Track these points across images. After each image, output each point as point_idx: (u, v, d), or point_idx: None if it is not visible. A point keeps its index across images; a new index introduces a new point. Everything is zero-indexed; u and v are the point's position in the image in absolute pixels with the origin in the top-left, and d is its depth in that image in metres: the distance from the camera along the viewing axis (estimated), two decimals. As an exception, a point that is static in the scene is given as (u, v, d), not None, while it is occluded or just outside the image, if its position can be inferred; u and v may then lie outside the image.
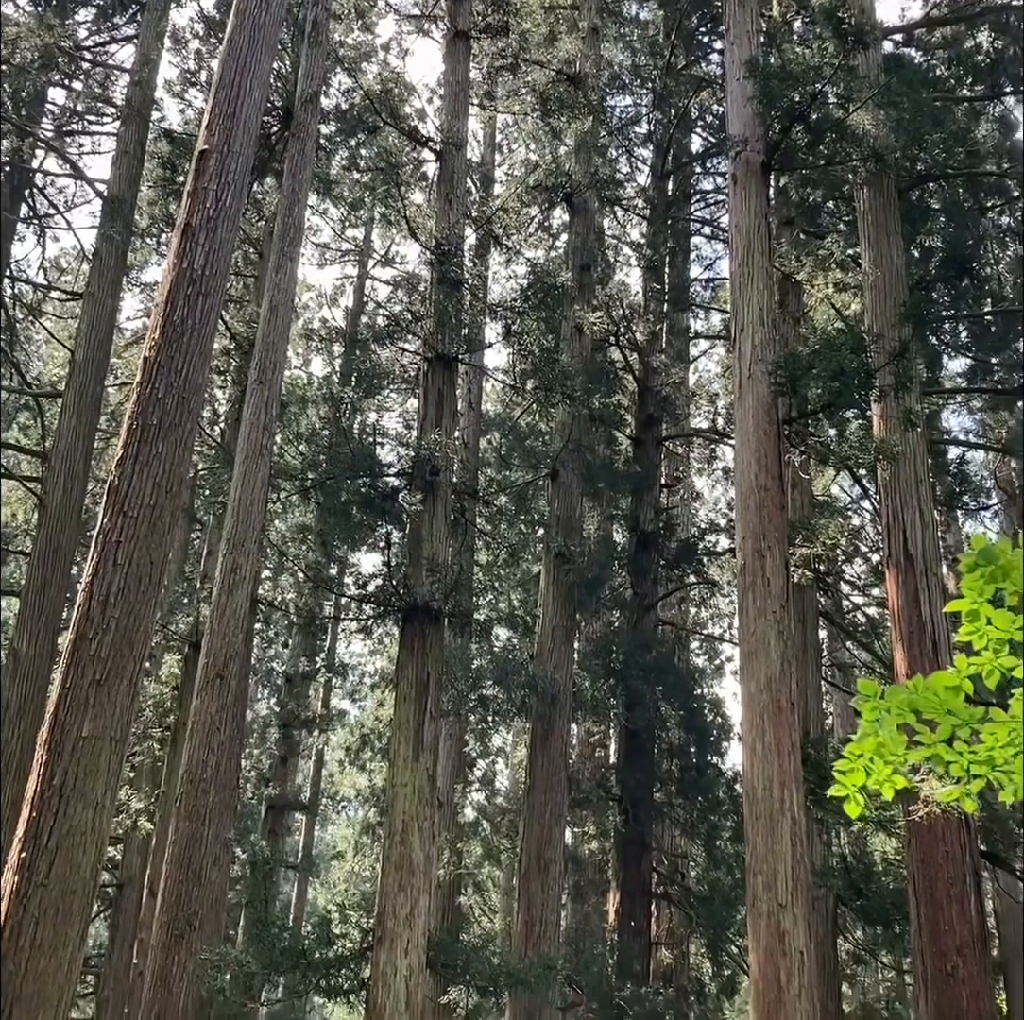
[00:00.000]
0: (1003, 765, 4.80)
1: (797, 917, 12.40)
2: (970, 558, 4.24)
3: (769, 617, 13.66)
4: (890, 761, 4.86)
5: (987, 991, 14.04)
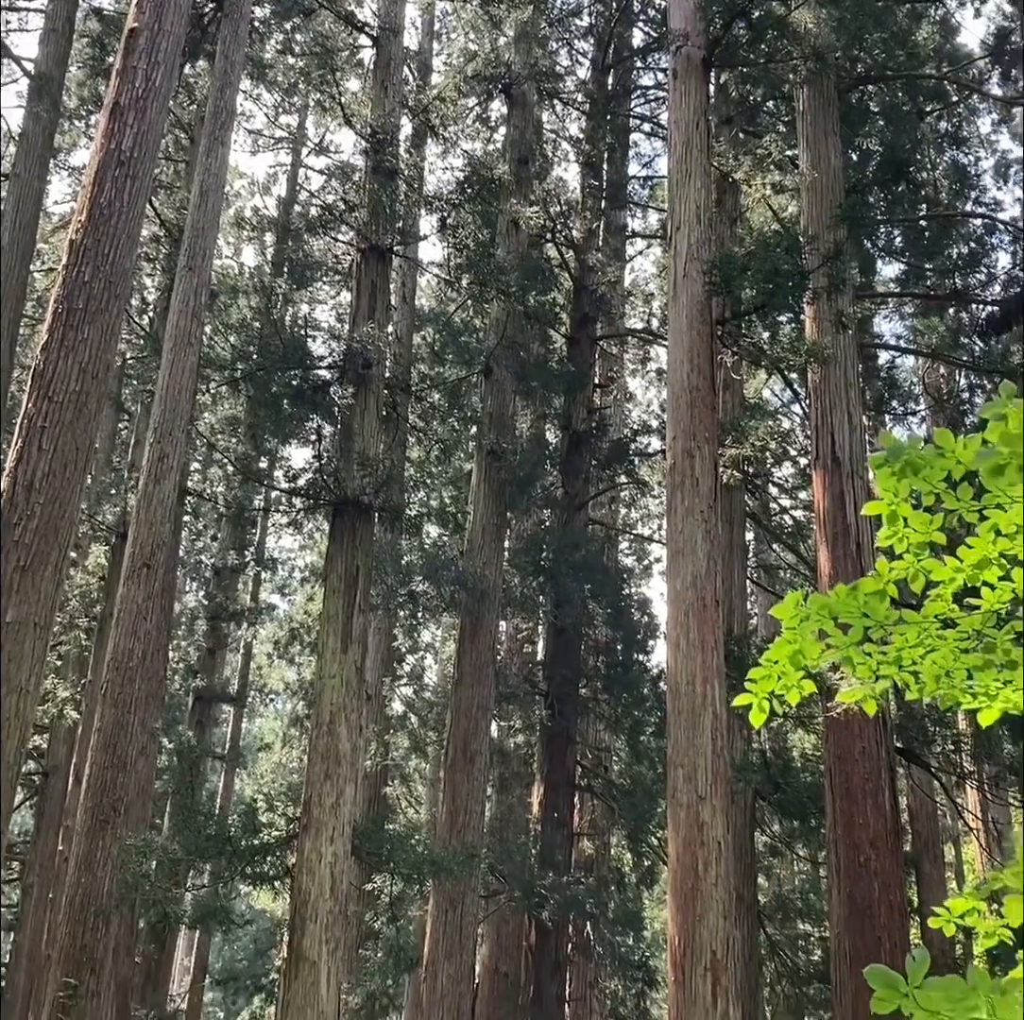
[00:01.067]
0: (910, 666, 4.87)
1: (716, 809, 12.67)
2: (879, 456, 4.27)
3: (697, 516, 13.78)
4: (802, 667, 4.90)
5: (898, 883, 14.48)
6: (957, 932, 6.31)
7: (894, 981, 3.54)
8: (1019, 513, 4.41)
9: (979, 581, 4.67)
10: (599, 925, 19.86)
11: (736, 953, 12.82)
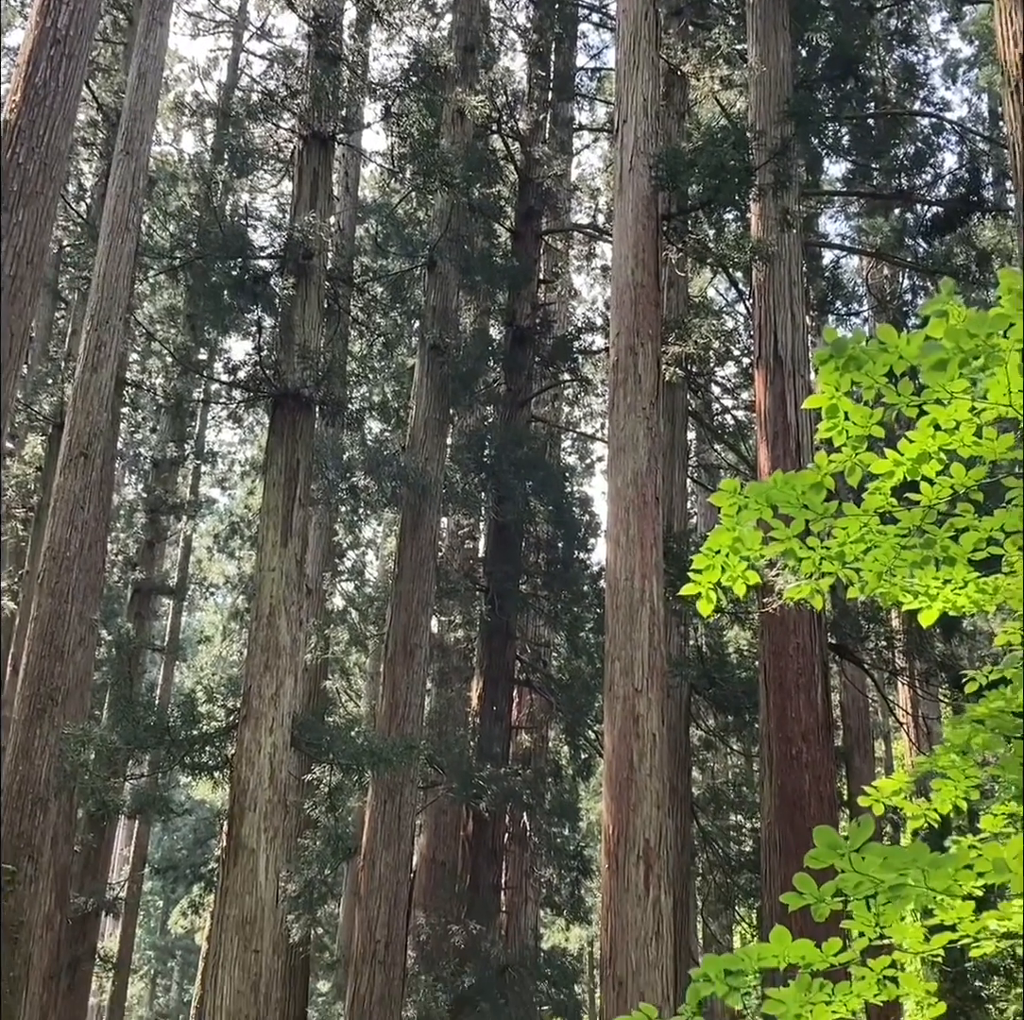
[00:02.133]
0: (852, 562, 4.92)
1: (651, 702, 12.84)
2: (824, 351, 4.26)
3: (639, 413, 13.78)
4: (745, 557, 4.93)
5: (829, 775, 14.79)
6: (885, 814, 6.45)
7: (836, 842, 3.62)
8: (959, 408, 4.44)
9: (919, 476, 4.70)
10: (536, 816, 20.19)
11: (669, 842, 13.08)
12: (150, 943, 49.08)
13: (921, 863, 3.70)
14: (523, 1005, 17.36)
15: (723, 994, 4.05)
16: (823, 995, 4.17)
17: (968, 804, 5.38)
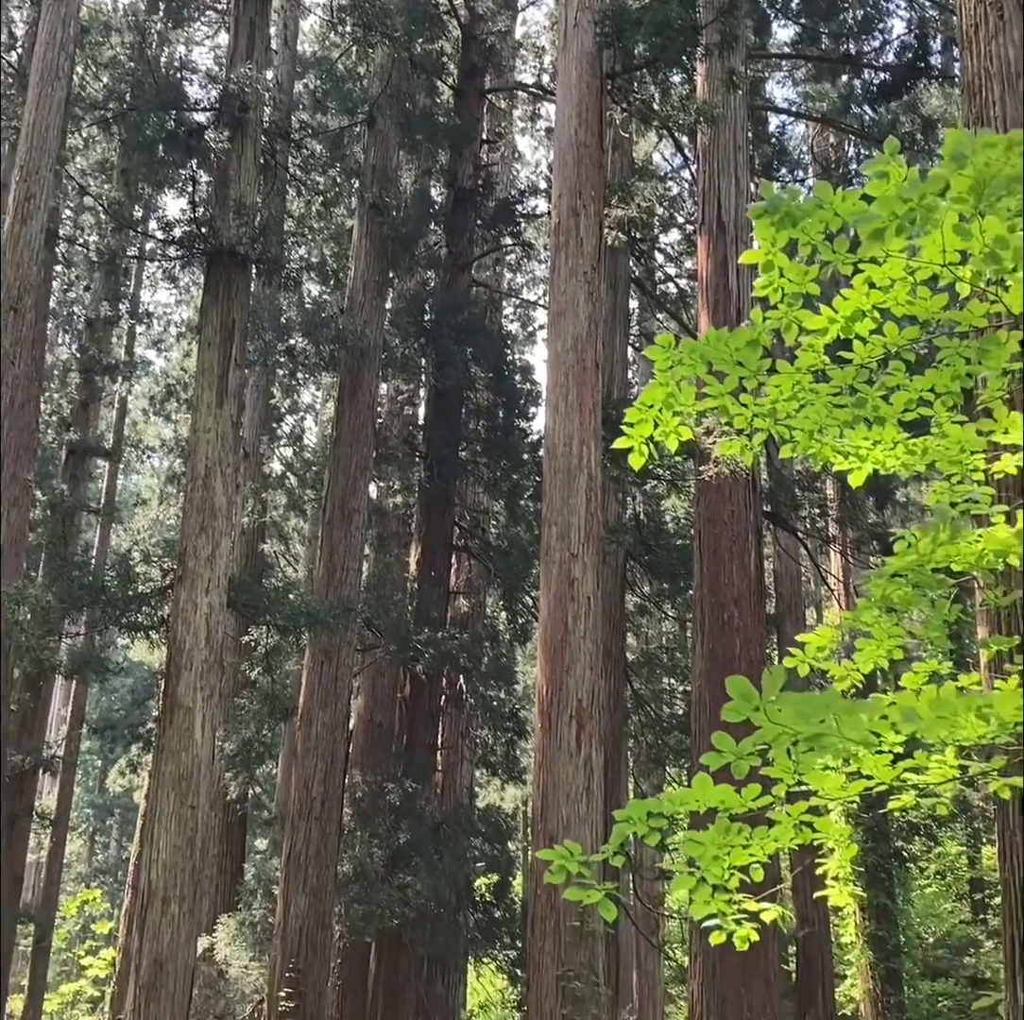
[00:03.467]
0: (785, 419, 4.94)
1: (587, 566, 12.98)
2: (760, 207, 4.23)
3: (580, 277, 13.69)
4: (678, 412, 4.93)
5: (759, 640, 15.06)
6: (813, 680, 6.57)
7: (750, 694, 3.69)
8: (894, 267, 4.43)
9: (852, 334, 4.71)
10: (472, 678, 20.45)
11: (601, 703, 13.32)
12: (88, 802, 49.59)
13: (834, 710, 3.77)
14: (457, 860, 17.76)
15: (643, 834, 4.16)
16: (741, 838, 4.29)
17: (892, 665, 5.49)
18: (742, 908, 4.46)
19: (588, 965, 11.57)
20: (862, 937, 19.70)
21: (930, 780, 4.81)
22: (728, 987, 13.23)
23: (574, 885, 4.39)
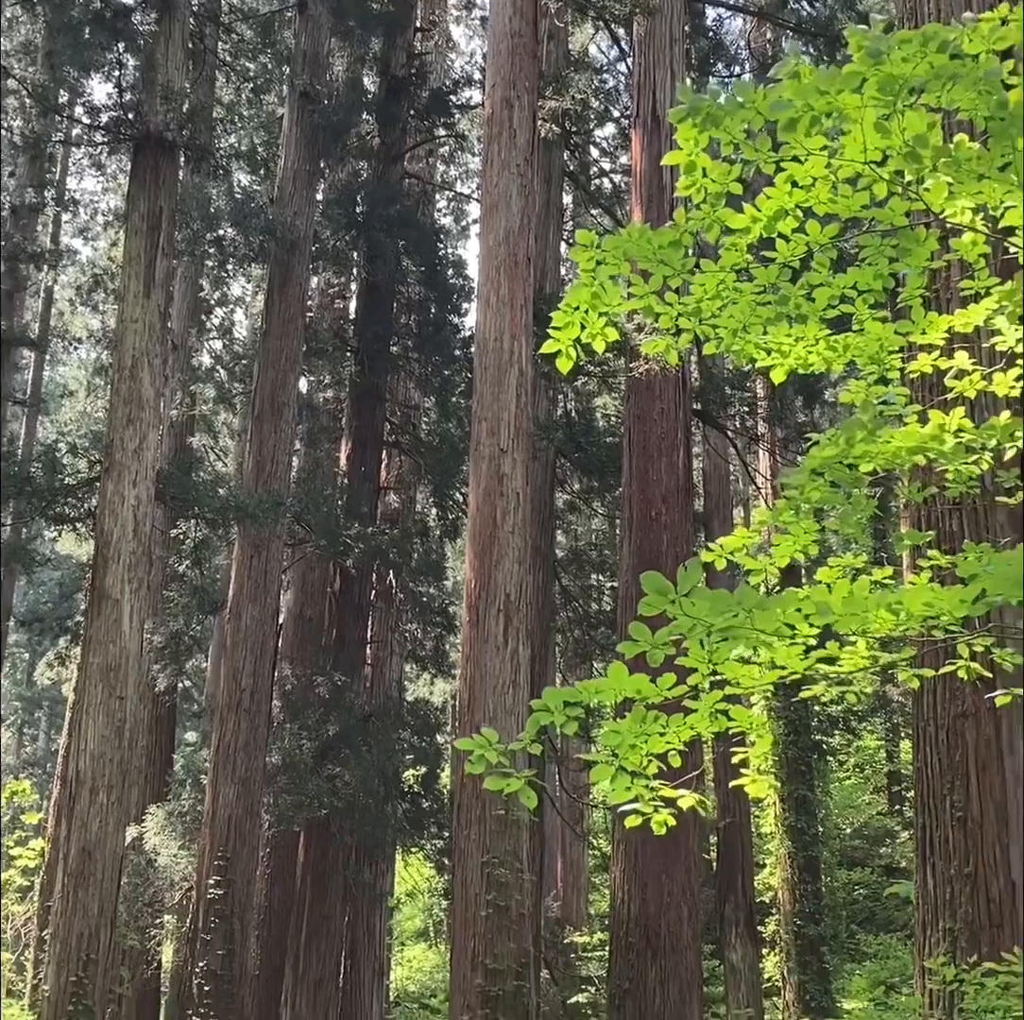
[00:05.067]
0: (709, 318, 4.97)
1: (517, 462, 13.03)
2: (681, 109, 4.23)
3: (513, 170, 13.56)
4: (604, 312, 4.94)
5: (686, 537, 15.23)
6: (734, 575, 6.68)
7: (665, 588, 3.77)
8: (815, 165, 4.45)
9: (775, 233, 4.73)
10: (402, 573, 20.54)
11: (529, 598, 13.46)
12: (16, 695, 49.50)
13: (747, 605, 3.86)
14: (385, 752, 17.97)
15: (561, 723, 4.24)
16: (657, 726, 4.40)
17: (808, 560, 5.59)
18: (660, 795, 4.58)
19: (512, 852, 11.82)
20: (782, 827, 20.17)
21: (842, 670, 4.95)
22: (649, 874, 13.58)
23: (494, 774, 4.47)
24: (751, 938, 20.52)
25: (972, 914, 7.95)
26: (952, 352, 5.26)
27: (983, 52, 4.47)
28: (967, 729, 8.35)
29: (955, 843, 8.17)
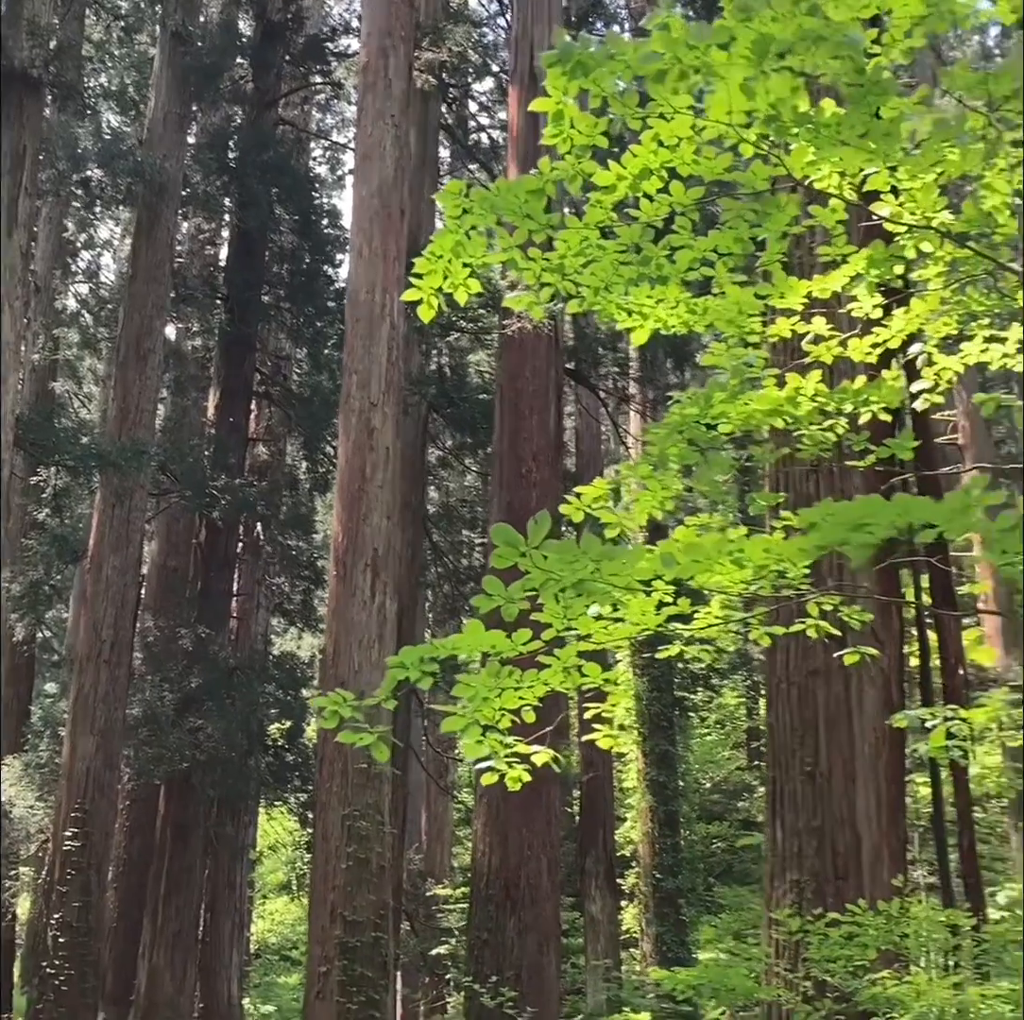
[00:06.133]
0: (572, 275, 4.96)
1: (387, 416, 12.98)
2: (551, 55, 4.20)
3: (388, 120, 13.44)
4: (467, 263, 4.91)
5: (555, 494, 15.30)
6: (590, 528, 6.70)
7: (515, 540, 3.78)
8: (681, 124, 4.47)
9: (640, 192, 4.74)
10: (270, 526, 20.36)
11: (398, 553, 13.46)
12: None
13: (592, 554, 3.87)
14: (250, 705, 17.85)
15: (416, 679, 4.24)
16: (512, 681, 4.42)
17: (666, 516, 5.65)
18: (515, 751, 4.60)
19: (374, 805, 11.85)
20: (643, 782, 20.51)
21: (695, 628, 5.03)
22: (510, 827, 13.72)
23: (348, 728, 4.46)
24: (611, 890, 20.89)
25: (818, 866, 8.18)
26: (811, 317, 5.33)
27: (849, 19, 4.52)
28: (818, 687, 8.57)
29: (804, 797, 8.40)
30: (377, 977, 11.34)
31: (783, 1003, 7.57)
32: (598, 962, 19.56)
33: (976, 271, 4.78)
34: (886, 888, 8.02)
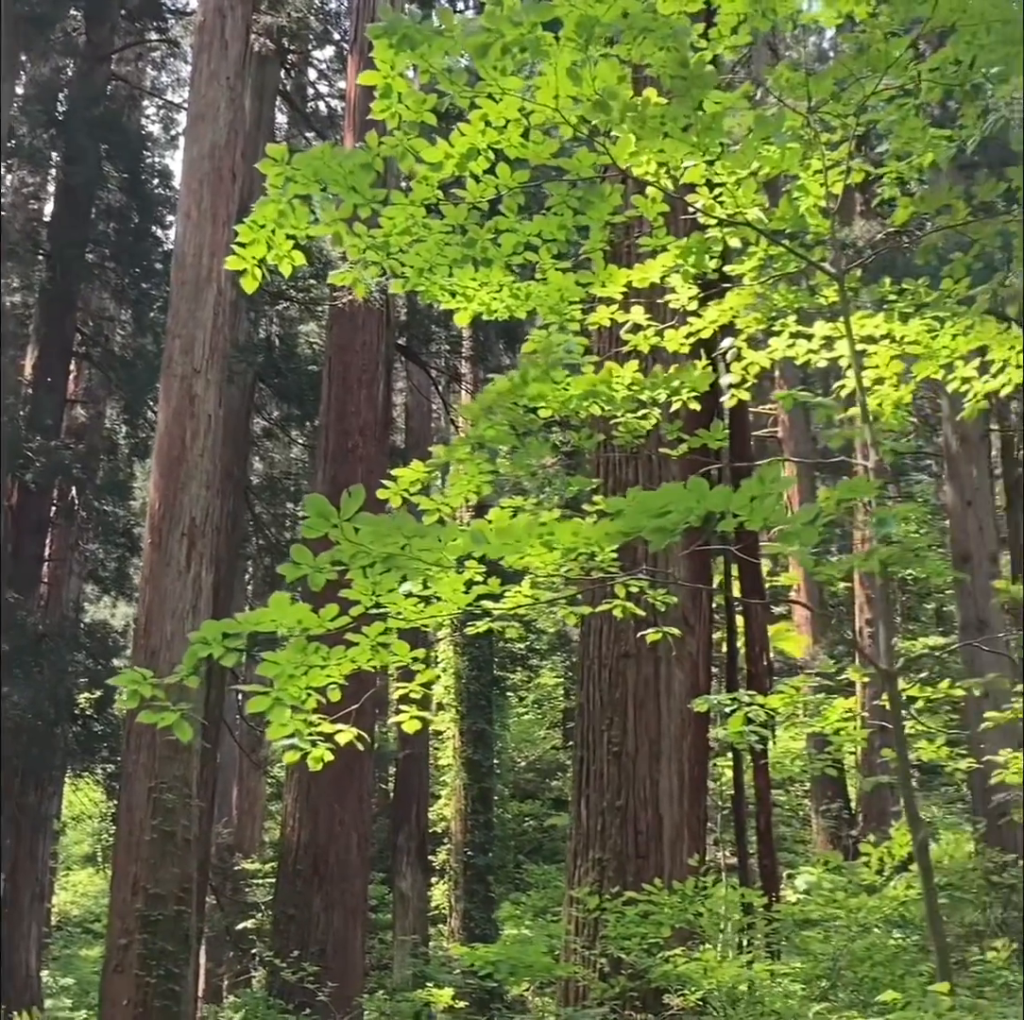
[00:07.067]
0: (397, 253, 4.92)
1: (210, 383, 12.76)
2: (379, 26, 4.17)
3: (223, 82, 13.20)
4: (291, 235, 4.85)
5: (381, 470, 15.24)
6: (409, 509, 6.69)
7: (327, 511, 3.75)
8: (510, 106, 4.48)
9: (467, 171, 4.73)
10: (86, 491, 19.82)
11: (216, 523, 13.26)
12: None
13: (407, 531, 3.87)
14: (58, 674, 17.39)
15: (219, 655, 4.17)
16: (318, 658, 4.37)
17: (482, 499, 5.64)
18: (319, 730, 4.56)
19: (182, 778, 11.69)
20: (459, 760, 20.63)
21: (504, 607, 5.05)
22: (321, 802, 13.68)
23: (150, 708, 4.33)
24: (422, 867, 20.97)
25: (620, 845, 8.34)
26: (631, 306, 5.40)
27: (675, 13, 4.59)
28: (628, 668, 8.73)
29: (609, 777, 8.55)
30: (178, 951, 11.20)
31: (579, 980, 7.70)
32: (406, 938, 19.62)
33: (788, 268, 4.89)
34: (685, 867, 8.21)
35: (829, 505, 4.13)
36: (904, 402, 5.05)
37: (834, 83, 4.63)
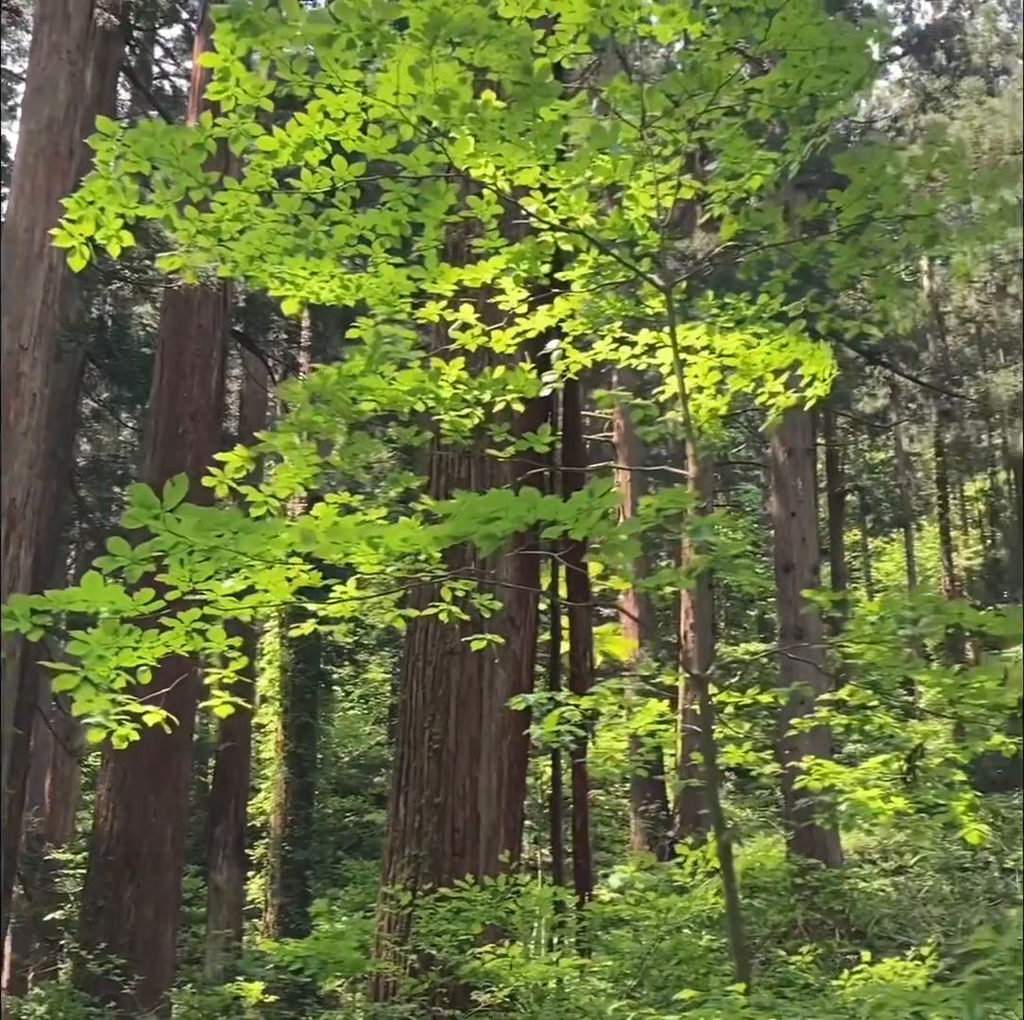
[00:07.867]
0: (228, 240, 4.88)
1: (37, 361, 12.46)
2: (221, 9, 4.14)
3: (64, 56, 12.89)
4: (121, 214, 4.77)
5: (211, 456, 15.07)
6: (233, 501, 6.64)
7: (151, 502, 3.69)
8: (349, 99, 4.48)
9: (303, 161, 4.72)
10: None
11: (37, 505, 12.94)
12: None
13: (233, 526, 3.86)
14: None
15: (27, 630, 4.10)
16: (131, 640, 4.31)
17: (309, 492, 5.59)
18: (126, 709, 4.50)
19: (-10, 765, 11.39)
20: (281, 753, 20.43)
21: (330, 610, 5.04)
22: (136, 793, 13.44)
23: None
24: (238, 860, 20.71)
25: (437, 842, 8.39)
26: (461, 305, 5.45)
27: (517, 18, 4.65)
28: (452, 666, 8.78)
29: (429, 774, 8.59)
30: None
31: (390, 976, 7.71)
32: (219, 932, 19.36)
33: (617, 278, 4.99)
34: (500, 865, 8.29)
35: (649, 513, 4.23)
36: (719, 412, 5.20)
37: (669, 98, 4.73)
